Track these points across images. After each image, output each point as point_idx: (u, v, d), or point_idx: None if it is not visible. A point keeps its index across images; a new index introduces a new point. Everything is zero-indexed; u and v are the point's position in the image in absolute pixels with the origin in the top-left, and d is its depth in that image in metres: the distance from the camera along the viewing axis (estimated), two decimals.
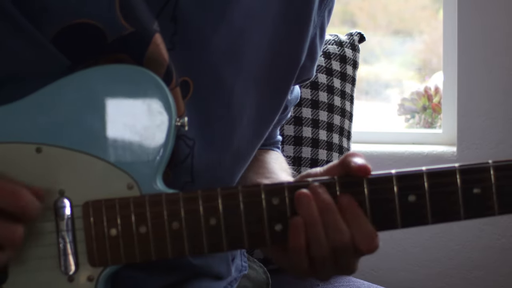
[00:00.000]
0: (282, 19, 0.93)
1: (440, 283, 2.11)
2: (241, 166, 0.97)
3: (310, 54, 1.01)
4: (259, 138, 0.98)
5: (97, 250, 0.75)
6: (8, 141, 0.76)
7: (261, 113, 0.95)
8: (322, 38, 1.04)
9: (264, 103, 0.95)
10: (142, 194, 0.75)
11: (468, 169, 0.72)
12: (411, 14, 2.63)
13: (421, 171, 0.73)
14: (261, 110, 0.95)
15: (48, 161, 0.75)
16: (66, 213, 0.75)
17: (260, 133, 0.98)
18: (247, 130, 0.94)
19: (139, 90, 0.77)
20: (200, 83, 0.86)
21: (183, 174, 0.86)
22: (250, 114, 0.93)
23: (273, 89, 0.96)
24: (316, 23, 1.00)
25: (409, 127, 2.43)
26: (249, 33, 0.90)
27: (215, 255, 0.94)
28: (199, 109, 0.86)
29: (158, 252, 0.75)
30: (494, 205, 0.72)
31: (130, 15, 0.79)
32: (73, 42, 0.78)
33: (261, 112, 0.95)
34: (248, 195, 0.74)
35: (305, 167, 1.57)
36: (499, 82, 2.05)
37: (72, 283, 0.75)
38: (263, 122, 0.97)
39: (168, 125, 0.76)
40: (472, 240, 2.08)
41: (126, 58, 0.80)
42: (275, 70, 0.94)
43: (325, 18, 1.03)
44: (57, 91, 0.77)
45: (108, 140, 0.76)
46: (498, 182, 0.72)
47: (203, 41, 0.86)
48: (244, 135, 0.94)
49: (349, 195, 0.74)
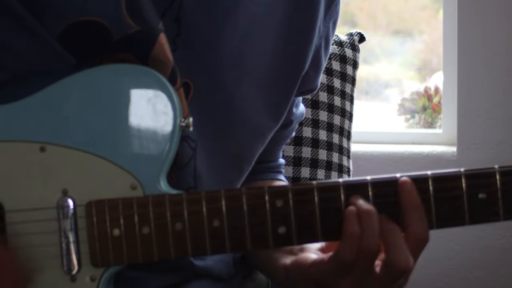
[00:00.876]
0: (287, 25, 0.93)
1: (440, 283, 2.11)
2: (243, 171, 0.97)
3: (314, 64, 1.01)
4: (260, 144, 0.97)
5: (99, 250, 0.74)
6: (12, 139, 0.76)
7: (262, 120, 0.95)
8: (327, 49, 1.03)
9: (266, 110, 0.94)
10: (146, 195, 0.75)
11: (474, 174, 0.72)
12: (411, 14, 2.63)
13: (427, 175, 0.73)
14: (263, 116, 0.94)
15: (52, 160, 0.75)
16: (69, 212, 0.75)
17: (261, 140, 0.97)
18: (248, 135, 0.94)
19: (144, 90, 0.77)
20: (201, 86, 0.86)
21: (186, 178, 0.86)
22: (251, 119, 0.93)
23: (275, 96, 0.95)
24: (321, 33, 1.00)
25: (409, 127, 2.43)
26: (253, 38, 0.90)
27: (216, 257, 0.94)
28: (199, 112, 0.86)
29: (160, 253, 0.74)
30: (500, 210, 0.72)
31: (136, 14, 0.79)
32: (78, 40, 0.78)
33: (262, 119, 0.95)
34: (252, 197, 0.74)
35: (305, 167, 1.57)
36: (499, 82, 2.05)
37: (74, 283, 0.75)
38: (264, 129, 0.97)
39: (173, 125, 0.76)
40: (472, 240, 2.08)
41: (131, 58, 0.79)
42: (278, 76, 0.94)
43: (330, 29, 1.02)
44: (62, 90, 0.77)
45: (112, 140, 0.76)
46: (503, 187, 0.71)
47: (205, 44, 0.86)
48: (245, 141, 0.94)
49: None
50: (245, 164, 0.97)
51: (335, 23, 1.04)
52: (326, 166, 1.60)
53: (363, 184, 0.74)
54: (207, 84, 0.87)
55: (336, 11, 1.03)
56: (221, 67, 0.87)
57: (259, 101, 0.93)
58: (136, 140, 0.76)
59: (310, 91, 1.08)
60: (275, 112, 0.97)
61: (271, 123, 0.97)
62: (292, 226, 0.74)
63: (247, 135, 0.94)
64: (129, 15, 0.78)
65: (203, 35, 0.85)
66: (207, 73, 0.86)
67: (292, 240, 0.75)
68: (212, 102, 0.88)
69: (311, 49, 0.98)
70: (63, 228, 0.75)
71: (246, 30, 0.89)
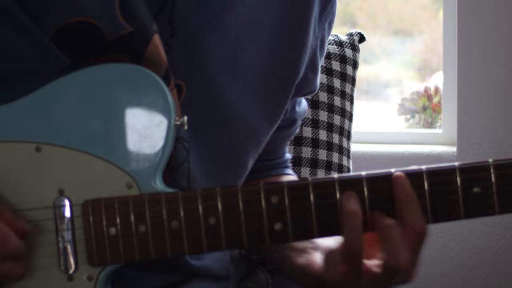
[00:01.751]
0: (280, 27, 0.93)
1: (440, 283, 2.10)
2: (238, 175, 0.97)
3: (311, 66, 1.01)
4: (255, 148, 0.97)
5: (96, 249, 0.75)
6: (8, 140, 0.76)
7: (256, 122, 0.94)
8: (322, 50, 1.03)
9: (260, 112, 0.94)
10: (142, 193, 0.75)
11: (468, 168, 0.72)
12: (411, 14, 2.63)
13: (421, 170, 0.73)
14: (257, 118, 0.94)
15: (47, 160, 0.75)
16: (66, 212, 0.75)
17: (256, 144, 0.97)
18: (241, 138, 0.93)
19: (138, 89, 0.77)
20: (193, 87, 0.86)
21: (180, 180, 0.86)
22: (244, 122, 0.92)
23: (270, 98, 0.95)
24: (317, 35, 0.99)
25: (409, 127, 2.43)
26: (247, 40, 0.89)
27: (213, 256, 0.94)
28: (190, 113, 0.86)
29: (157, 251, 0.74)
30: (495, 204, 0.72)
31: (129, 15, 0.79)
32: (72, 41, 0.78)
33: (256, 121, 0.94)
34: (247, 194, 0.74)
35: (305, 167, 1.57)
36: (499, 82, 2.05)
37: (71, 282, 0.75)
38: (258, 131, 0.96)
39: (168, 124, 0.76)
40: (472, 240, 2.07)
41: (125, 58, 0.80)
42: (273, 79, 0.94)
43: (326, 30, 1.02)
44: (57, 90, 0.77)
45: (107, 139, 0.76)
46: (498, 181, 0.71)
47: (198, 45, 0.86)
48: (238, 143, 0.93)
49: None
50: (238, 167, 0.96)
51: (331, 24, 1.04)
52: (326, 166, 1.60)
53: (358, 180, 0.74)
54: (200, 86, 0.86)
55: (332, 12, 1.02)
56: (213, 69, 0.87)
57: (252, 103, 0.92)
58: (131, 139, 0.76)
59: (309, 93, 1.08)
60: (270, 114, 0.97)
61: (266, 126, 0.97)
62: (288, 223, 0.74)
63: (240, 137, 0.93)
64: (122, 16, 0.78)
65: (195, 36, 0.85)
66: (199, 74, 0.86)
67: (288, 236, 0.75)
68: (204, 104, 0.87)
69: (306, 51, 0.97)
70: (60, 228, 0.75)
71: (239, 32, 0.89)
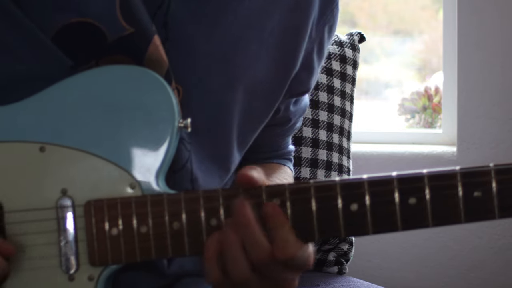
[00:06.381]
0: (277, 30, 0.92)
1: (440, 283, 2.11)
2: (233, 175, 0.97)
3: (306, 66, 1.00)
4: (243, 145, 0.97)
5: (98, 249, 0.75)
6: (12, 140, 0.76)
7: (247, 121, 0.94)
8: (320, 54, 1.02)
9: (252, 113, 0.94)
10: (144, 194, 0.76)
11: (469, 172, 0.72)
12: (411, 14, 2.63)
13: (422, 173, 0.73)
14: (248, 118, 0.94)
15: (51, 160, 0.76)
16: (68, 212, 0.75)
17: (244, 141, 0.97)
18: (235, 138, 0.94)
19: (142, 90, 0.77)
20: (189, 90, 0.86)
21: (183, 181, 0.87)
22: (238, 122, 0.92)
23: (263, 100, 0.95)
24: (314, 37, 0.99)
25: (409, 127, 2.43)
26: (245, 41, 0.90)
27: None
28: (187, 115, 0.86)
29: (158, 252, 0.75)
30: (495, 208, 0.72)
31: (130, 16, 0.79)
32: (73, 42, 0.79)
33: (247, 120, 0.94)
34: (249, 196, 0.74)
35: (305, 167, 1.57)
36: (499, 82, 2.05)
37: (72, 282, 0.75)
38: (247, 131, 0.96)
39: (171, 125, 0.77)
40: (472, 240, 2.08)
41: (127, 59, 0.80)
42: (267, 80, 0.94)
43: (325, 34, 1.01)
44: (61, 91, 0.77)
45: (111, 140, 0.76)
46: (499, 186, 0.71)
47: (193, 49, 0.86)
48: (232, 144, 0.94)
49: (273, 204, 0.73)
50: (233, 166, 0.97)
51: (332, 29, 1.02)
52: (326, 166, 1.60)
53: (360, 183, 0.74)
54: (196, 89, 0.87)
55: (333, 16, 1.01)
56: (209, 72, 0.87)
57: (246, 102, 0.92)
58: (135, 140, 0.76)
59: (302, 93, 1.07)
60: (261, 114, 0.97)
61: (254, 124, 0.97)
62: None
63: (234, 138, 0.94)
64: (123, 17, 0.79)
65: (191, 40, 0.85)
66: (195, 77, 0.86)
67: None
68: (200, 107, 0.88)
69: (301, 52, 0.97)
70: (62, 228, 0.75)
71: (236, 34, 0.89)
